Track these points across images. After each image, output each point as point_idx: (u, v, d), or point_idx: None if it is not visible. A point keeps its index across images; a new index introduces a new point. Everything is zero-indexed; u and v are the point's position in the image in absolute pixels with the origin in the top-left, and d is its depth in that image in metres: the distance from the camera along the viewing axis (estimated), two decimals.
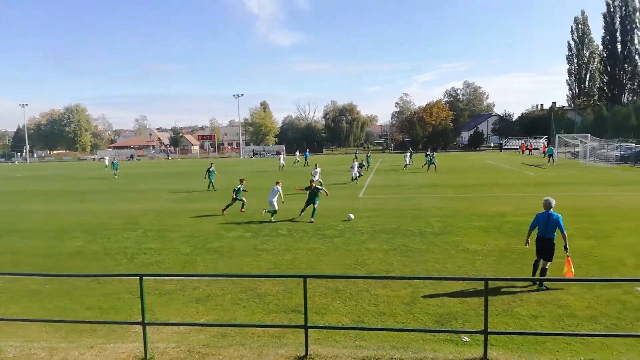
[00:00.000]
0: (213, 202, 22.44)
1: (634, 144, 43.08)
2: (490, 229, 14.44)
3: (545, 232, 8.95)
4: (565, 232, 8.81)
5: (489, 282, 6.20)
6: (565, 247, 8.68)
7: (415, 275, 10.00)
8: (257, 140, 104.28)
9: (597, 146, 44.10)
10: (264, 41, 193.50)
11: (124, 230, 15.97)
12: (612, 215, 16.00)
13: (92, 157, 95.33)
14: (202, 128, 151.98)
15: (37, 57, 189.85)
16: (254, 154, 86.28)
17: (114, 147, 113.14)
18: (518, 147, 70.93)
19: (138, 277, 6.44)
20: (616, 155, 40.81)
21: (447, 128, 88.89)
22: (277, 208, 17.11)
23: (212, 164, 30.06)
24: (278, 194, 17.20)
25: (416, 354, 6.39)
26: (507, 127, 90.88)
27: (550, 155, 42.09)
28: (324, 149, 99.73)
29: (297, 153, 57.21)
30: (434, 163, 36.95)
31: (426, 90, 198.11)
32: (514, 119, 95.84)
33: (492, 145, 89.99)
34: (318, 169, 28.47)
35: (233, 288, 9.52)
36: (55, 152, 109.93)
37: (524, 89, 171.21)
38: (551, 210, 9.02)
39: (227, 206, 18.97)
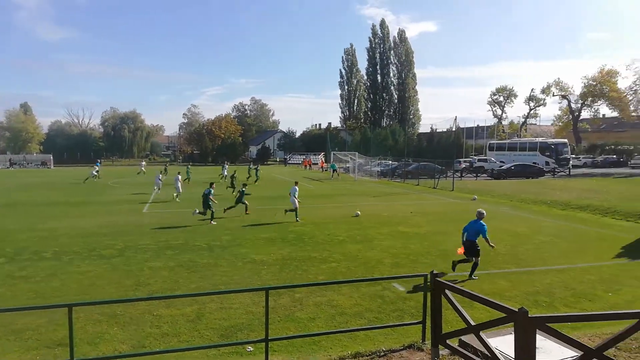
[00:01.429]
0: None
1: (390, 161, 51.35)
2: (275, 239, 15.20)
3: (470, 235, 10.92)
4: (487, 237, 10.85)
5: (270, 290, 6.47)
6: (490, 246, 10.98)
7: (202, 291, 9.79)
8: (16, 148, 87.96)
9: (364, 162, 51.14)
10: (26, 35, 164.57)
11: None
12: (375, 222, 18.64)
13: None
14: None
15: None
16: (12, 164, 72.54)
17: None
18: (300, 162, 77.21)
19: None
20: (377, 171, 47.96)
21: (236, 142, 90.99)
22: (297, 205, 18.97)
23: None
24: (296, 192, 19.26)
25: None
26: (291, 143, 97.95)
27: (335, 170, 47.19)
28: (102, 160, 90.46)
29: (143, 163, 54.13)
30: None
31: (215, 103, 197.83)
32: (297, 136, 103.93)
33: (277, 159, 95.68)
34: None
35: None
36: None
37: (303, 109, 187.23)
38: (479, 219, 11.02)
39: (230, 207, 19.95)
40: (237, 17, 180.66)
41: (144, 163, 54.17)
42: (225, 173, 43.46)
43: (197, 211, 18.98)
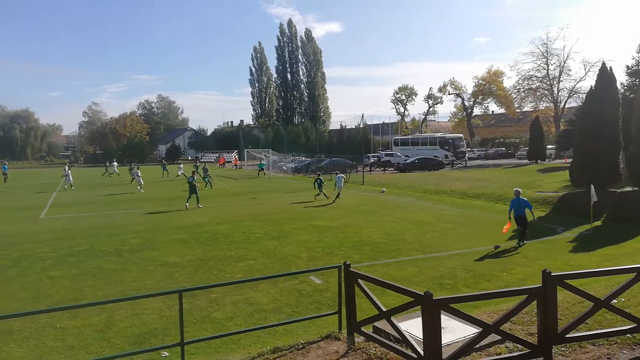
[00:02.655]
0: None
1: (303, 158, 51.95)
2: (188, 240, 14.79)
3: (519, 210, 13.28)
4: (532, 208, 13.55)
5: (184, 292, 6.32)
6: (533, 217, 13.61)
7: (110, 298, 9.26)
8: None
9: (277, 159, 51.21)
10: None
11: None
12: (290, 218, 18.84)
13: None
14: None
15: None
16: None
17: None
18: (214, 160, 75.25)
19: None
20: (291, 167, 48.29)
21: (144, 141, 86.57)
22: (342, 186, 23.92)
23: None
24: (343, 178, 23.97)
25: None
26: (203, 142, 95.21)
27: (262, 169, 45.45)
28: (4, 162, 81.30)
29: (116, 164, 47.10)
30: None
31: (118, 101, 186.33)
32: (208, 134, 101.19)
33: (189, 158, 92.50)
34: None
35: None
36: None
37: (213, 106, 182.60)
38: (520, 196, 13.50)
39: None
40: (139, 11, 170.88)
41: (115, 164, 47.03)
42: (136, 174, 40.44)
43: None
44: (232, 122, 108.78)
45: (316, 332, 7.43)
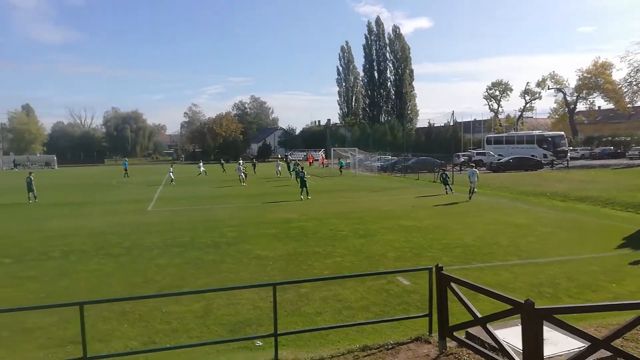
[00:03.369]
0: None
1: (390, 157, 51.41)
2: (279, 235, 15.32)
3: None
4: None
5: (277, 286, 6.58)
6: None
7: (209, 287, 9.91)
8: (20, 149, 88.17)
9: (364, 158, 51.22)
10: (23, 35, 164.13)
11: None
12: (376, 217, 18.75)
13: None
14: None
15: None
16: (16, 165, 72.61)
17: None
18: (302, 159, 77.17)
19: None
20: (377, 166, 48.01)
21: (238, 140, 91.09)
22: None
23: (31, 173, 26.44)
24: (476, 173, 23.86)
25: None
26: (292, 140, 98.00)
27: (341, 167, 46.71)
28: (105, 160, 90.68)
29: (201, 164, 50.40)
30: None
31: (216, 102, 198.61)
32: (297, 133, 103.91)
33: (279, 156, 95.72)
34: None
35: None
36: None
37: (301, 106, 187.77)
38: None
39: None
40: (232, 17, 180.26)
41: (201, 163, 50.14)
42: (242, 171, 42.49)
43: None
44: (319, 121, 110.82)
45: (405, 333, 7.35)
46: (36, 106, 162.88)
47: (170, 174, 36.90)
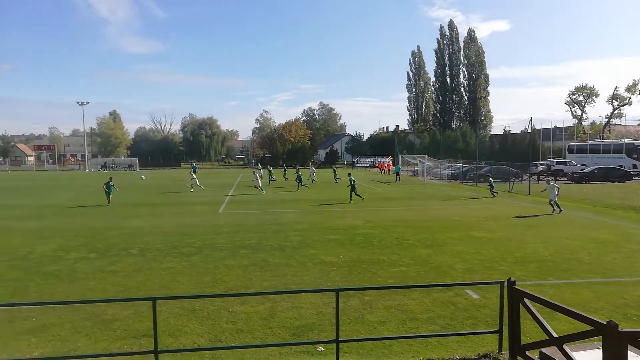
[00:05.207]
0: (51, 220, 20.01)
1: (461, 164, 49.74)
2: (343, 241, 15.29)
3: None
4: None
5: (340, 292, 6.53)
6: None
7: (274, 289, 10.09)
8: (106, 152, 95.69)
9: (433, 165, 49.95)
10: (113, 48, 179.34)
11: None
12: (445, 227, 18.16)
13: None
14: (39, 137, 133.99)
15: None
16: (103, 167, 78.81)
17: None
18: (368, 165, 76.95)
19: None
20: (447, 174, 46.61)
21: (306, 146, 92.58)
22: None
23: (111, 178, 27.53)
24: (556, 188, 22.53)
25: None
26: (359, 147, 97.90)
27: (397, 174, 46.42)
28: (182, 163, 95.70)
29: (261, 169, 50.53)
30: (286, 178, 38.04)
31: (285, 109, 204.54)
32: (364, 139, 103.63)
33: (345, 162, 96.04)
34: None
35: (74, 315, 8.51)
36: None
37: (369, 112, 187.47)
38: None
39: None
40: (303, 25, 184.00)
41: (261, 169, 50.05)
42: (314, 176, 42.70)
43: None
44: (387, 127, 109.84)
45: (472, 349, 7.02)
46: (122, 112, 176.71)
47: (259, 179, 33.85)
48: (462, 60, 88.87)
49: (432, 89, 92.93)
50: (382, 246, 14.61)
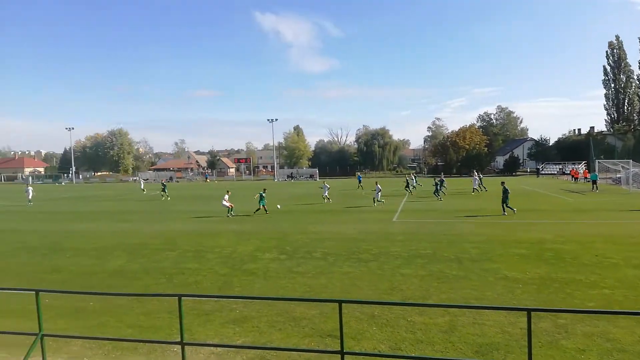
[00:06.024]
0: (249, 224, 22.84)
1: None
2: (530, 256, 14.02)
3: None
4: None
5: (532, 312, 6.01)
6: None
7: (453, 303, 9.78)
8: (291, 164, 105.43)
9: None
10: (297, 68, 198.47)
11: (163, 250, 16.36)
12: None
13: (134, 178, 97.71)
14: (238, 151, 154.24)
15: (84, 83, 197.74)
16: (289, 177, 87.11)
17: (154, 170, 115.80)
18: (556, 172, 69.02)
19: (177, 297, 6.49)
20: None
21: (482, 152, 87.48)
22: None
23: (264, 189, 28.90)
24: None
25: None
26: (544, 152, 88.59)
27: (594, 182, 40.14)
28: (357, 173, 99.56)
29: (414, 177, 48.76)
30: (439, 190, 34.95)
31: (459, 115, 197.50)
32: (550, 144, 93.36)
33: (528, 170, 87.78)
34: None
35: (269, 310, 9.57)
36: (99, 173, 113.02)
37: (556, 114, 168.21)
38: None
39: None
40: (477, 30, 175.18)
41: (414, 176, 47.35)
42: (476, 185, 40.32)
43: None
44: (579, 129, 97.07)
45: None
46: (304, 127, 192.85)
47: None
48: None
49: (637, 83, 79.01)
50: (577, 264, 12.96)
